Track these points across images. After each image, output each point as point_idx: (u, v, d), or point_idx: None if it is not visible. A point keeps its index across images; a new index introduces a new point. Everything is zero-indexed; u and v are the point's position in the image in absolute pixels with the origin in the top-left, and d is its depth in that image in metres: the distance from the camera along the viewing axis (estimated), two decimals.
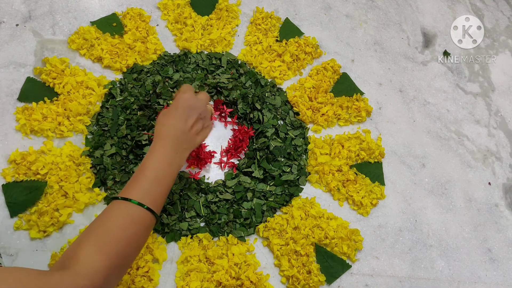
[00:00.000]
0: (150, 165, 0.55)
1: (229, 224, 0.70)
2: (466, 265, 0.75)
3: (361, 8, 1.01)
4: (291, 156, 0.76)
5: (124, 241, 0.48)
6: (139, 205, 0.51)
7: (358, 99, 0.86)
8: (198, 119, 0.61)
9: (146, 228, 0.52)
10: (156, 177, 0.54)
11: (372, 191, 0.77)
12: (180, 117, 0.59)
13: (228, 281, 0.64)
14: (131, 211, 0.51)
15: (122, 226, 0.49)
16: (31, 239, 0.64)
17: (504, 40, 1.06)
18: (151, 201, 0.52)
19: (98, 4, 0.87)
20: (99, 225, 0.49)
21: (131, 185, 0.53)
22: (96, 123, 0.74)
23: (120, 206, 0.51)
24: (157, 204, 0.53)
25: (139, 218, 0.51)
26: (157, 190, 0.54)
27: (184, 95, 0.62)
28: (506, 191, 0.85)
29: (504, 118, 0.94)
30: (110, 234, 0.48)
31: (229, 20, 0.89)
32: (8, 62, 0.77)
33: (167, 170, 0.56)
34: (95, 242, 0.46)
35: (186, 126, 0.59)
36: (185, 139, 0.59)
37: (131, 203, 0.51)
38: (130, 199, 0.51)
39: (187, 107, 0.60)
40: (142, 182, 0.53)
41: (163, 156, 0.56)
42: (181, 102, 0.61)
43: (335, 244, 0.70)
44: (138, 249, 0.51)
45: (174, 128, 0.58)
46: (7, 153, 0.69)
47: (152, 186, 0.53)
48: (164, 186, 0.55)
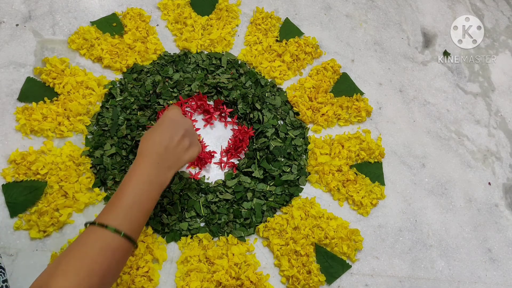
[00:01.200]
0: (129, 187, 0.52)
1: (229, 224, 0.70)
2: (466, 265, 0.75)
3: (361, 8, 1.01)
4: (291, 156, 0.77)
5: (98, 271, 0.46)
6: (116, 232, 0.48)
7: (358, 99, 0.86)
8: (185, 136, 0.58)
9: (123, 256, 0.49)
10: (135, 200, 0.51)
11: (372, 191, 0.77)
12: (165, 133, 0.56)
13: (228, 281, 0.64)
14: (107, 239, 0.48)
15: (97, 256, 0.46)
16: (31, 239, 0.64)
17: (504, 40, 1.06)
18: (129, 227, 0.49)
19: (98, 4, 0.87)
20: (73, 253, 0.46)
21: (108, 209, 0.50)
22: (96, 123, 0.74)
23: (96, 233, 0.48)
24: (135, 230, 0.50)
25: (116, 246, 0.48)
26: (136, 215, 0.51)
27: (170, 112, 0.59)
28: (506, 191, 0.85)
29: (504, 118, 0.94)
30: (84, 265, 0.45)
31: (229, 20, 0.89)
32: (8, 62, 0.77)
33: (148, 191, 0.53)
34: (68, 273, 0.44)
35: (172, 142, 0.56)
36: (170, 156, 0.56)
37: (107, 230, 0.48)
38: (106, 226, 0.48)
39: (172, 123, 0.58)
40: (120, 206, 0.50)
41: (143, 175, 0.53)
42: (166, 118, 0.58)
43: (335, 244, 0.70)
44: (114, 277, 0.49)
45: (157, 145, 0.55)
46: (7, 153, 0.69)
47: (130, 211, 0.50)
48: (143, 210, 0.52)
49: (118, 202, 0.51)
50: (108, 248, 0.47)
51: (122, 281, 0.61)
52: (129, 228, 0.49)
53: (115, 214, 0.50)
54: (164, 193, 0.68)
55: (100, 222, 0.48)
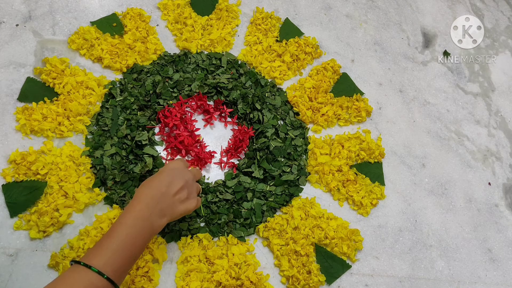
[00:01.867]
0: (118, 229, 0.52)
1: (229, 224, 0.70)
2: (466, 265, 0.75)
3: (361, 8, 1.01)
4: (291, 156, 0.76)
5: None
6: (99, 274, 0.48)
7: (358, 99, 0.86)
8: (184, 188, 0.58)
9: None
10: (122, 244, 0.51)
11: (372, 191, 0.77)
12: (163, 180, 0.57)
13: (228, 281, 0.64)
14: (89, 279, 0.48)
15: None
16: (31, 239, 0.64)
17: (504, 40, 1.06)
18: (113, 271, 0.49)
19: (98, 4, 0.87)
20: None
21: (95, 250, 0.50)
22: (96, 123, 0.74)
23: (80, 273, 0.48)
24: (119, 274, 0.50)
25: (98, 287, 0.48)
26: (122, 260, 0.51)
27: (173, 162, 0.60)
28: (506, 191, 0.85)
29: (504, 118, 0.94)
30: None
31: (229, 20, 0.89)
32: (8, 62, 0.77)
33: (137, 235, 0.52)
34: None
35: (168, 190, 0.56)
36: (165, 203, 0.56)
37: (91, 270, 0.48)
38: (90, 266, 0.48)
39: (173, 173, 0.58)
40: (106, 249, 0.50)
41: (135, 217, 0.53)
42: (168, 167, 0.59)
43: (335, 244, 0.70)
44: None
45: (154, 190, 0.55)
46: (7, 153, 0.69)
47: (116, 254, 0.50)
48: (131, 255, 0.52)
49: (106, 244, 0.51)
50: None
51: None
52: (112, 272, 0.49)
53: (100, 255, 0.50)
54: None
55: (85, 262, 0.49)
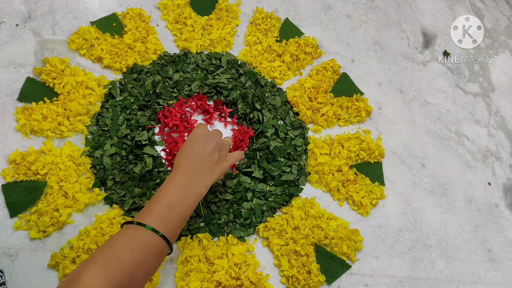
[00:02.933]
0: (165, 192, 0.54)
1: (229, 224, 0.70)
2: (466, 265, 0.75)
3: (361, 8, 1.01)
4: (291, 156, 0.77)
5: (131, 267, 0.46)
6: (153, 231, 0.49)
7: (358, 99, 0.86)
8: (215, 149, 0.61)
9: (156, 255, 0.50)
10: (173, 204, 0.53)
11: (372, 191, 0.77)
12: (195, 146, 0.60)
13: (228, 281, 0.64)
14: (143, 236, 0.49)
15: (131, 250, 0.47)
16: (31, 239, 0.64)
17: (504, 40, 1.06)
18: (166, 228, 0.50)
19: (98, 4, 0.87)
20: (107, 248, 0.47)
21: (146, 210, 0.52)
22: (96, 123, 0.74)
23: (132, 231, 0.49)
24: (172, 232, 0.52)
25: (151, 245, 0.49)
26: (172, 218, 0.52)
27: (198, 129, 0.63)
28: (506, 191, 0.85)
29: (504, 118, 0.94)
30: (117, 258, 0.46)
31: (229, 20, 0.89)
32: (8, 62, 0.77)
33: (184, 196, 0.55)
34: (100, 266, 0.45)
35: (203, 154, 0.59)
36: (203, 165, 0.59)
37: (144, 228, 0.49)
38: (144, 224, 0.49)
39: (202, 138, 0.61)
40: (158, 208, 0.52)
41: (179, 182, 0.55)
42: (196, 135, 0.62)
43: (335, 244, 0.70)
44: (146, 276, 0.49)
45: (189, 157, 0.58)
46: (7, 153, 0.69)
47: (167, 213, 0.52)
48: (180, 213, 0.53)
49: (156, 205, 0.52)
50: (144, 245, 0.48)
51: None
52: (165, 229, 0.50)
53: (153, 215, 0.51)
54: None
55: (138, 221, 0.50)
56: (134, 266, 0.47)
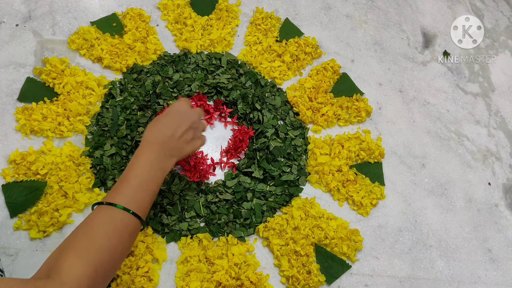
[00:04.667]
0: (135, 171, 0.54)
1: (229, 224, 0.70)
2: (466, 265, 0.75)
3: (361, 8, 1.01)
4: (291, 156, 0.76)
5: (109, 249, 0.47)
6: (125, 210, 0.50)
7: (358, 99, 0.86)
8: (189, 128, 0.61)
9: (131, 234, 0.51)
10: (141, 182, 0.53)
11: (372, 191, 0.77)
12: (170, 124, 0.59)
13: (228, 281, 0.64)
14: (116, 216, 0.49)
15: (106, 233, 0.48)
16: (31, 239, 0.64)
17: (504, 40, 1.06)
18: (136, 206, 0.51)
19: (98, 4, 0.87)
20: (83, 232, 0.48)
21: (115, 191, 0.52)
22: (96, 123, 0.74)
23: (105, 212, 0.49)
24: (142, 209, 0.52)
25: (124, 224, 0.50)
26: (142, 196, 0.53)
27: (177, 103, 0.62)
28: (506, 191, 0.85)
29: (504, 118, 0.94)
30: (94, 243, 0.47)
31: (229, 20, 0.89)
32: (8, 62, 0.77)
33: (152, 175, 0.55)
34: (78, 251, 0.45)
35: (176, 133, 0.59)
36: (173, 146, 0.58)
37: (116, 208, 0.50)
38: (115, 204, 0.50)
39: (178, 115, 0.60)
40: (127, 187, 0.52)
41: (148, 160, 0.55)
42: (173, 110, 0.61)
43: (335, 244, 0.70)
44: (123, 256, 0.50)
45: (161, 134, 0.58)
46: (7, 153, 0.69)
47: (137, 192, 0.52)
48: (149, 191, 0.54)
49: (125, 183, 0.53)
50: (118, 225, 0.49)
51: (122, 281, 0.61)
52: (136, 207, 0.51)
53: (122, 194, 0.52)
54: (164, 193, 0.68)
55: (108, 202, 0.50)
56: (112, 249, 0.48)
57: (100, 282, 0.46)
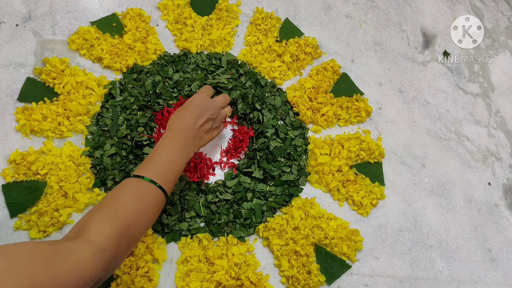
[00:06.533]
0: (162, 151, 0.58)
1: (229, 224, 0.70)
2: (466, 265, 0.75)
3: (361, 8, 1.01)
4: (291, 156, 0.76)
5: (135, 213, 0.50)
6: (151, 183, 0.53)
7: (358, 99, 0.86)
8: (209, 119, 0.65)
9: (156, 204, 0.54)
10: (166, 161, 0.57)
11: (372, 191, 0.77)
12: (192, 114, 0.63)
13: (228, 281, 0.64)
14: (143, 187, 0.53)
15: (134, 199, 0.51)
16: (31, 239, 0.64)
17: (504, 40, 1.06)
18: (163, 182, 0.54)
19: (98, 4, 0.87)
20: (111, 198, 0.51)
21: (143, 166, 0.56)
22: (96, 123, 0.74)
23: (132, 182, 0.53)
24: (168, 185, 0.56)
25: (150, 194, 0.53)
26: (168, 173, 0.56)
27: (200, 94, 0.67)
28: (506, 191, 0.85)
29: (504, 118, 0.94)
30: (122, 206, 0.50)
31: (229, 20, 0.89)
32: (8, 62, 0.77)
33: (176, 157, 0.59)
34: (107, 212, 0.49)
35: (196, 123, 0.63)
36: (194, 134, 0.63)
37: (143, 180, 0.53)
38: (142, 177, 0.53)
39: (200, 106, 0.65)
40: (154, 164, 0.56)
41: (174, 145, 0.60)
42: (195, 100, 0.66)
43: (335, 244, 0.70)
44: (148, 223, 0.53)
45: (184, 123, 0.62)
46: (7, 153, 0.69)
47: (163, 169, 0.56)
48: (174, 170, 0.58)
49: (153, 160, 0.57)
50: (144, 195, 0.53)
51: (122, 281, 0.61)
52: (162, 182, 0.55)
53: (150, 169, 0.56)
54: None
55: (136, 174, 0.53)
56: (138, 214, 0.50)
57: (124, 246, 0.49)
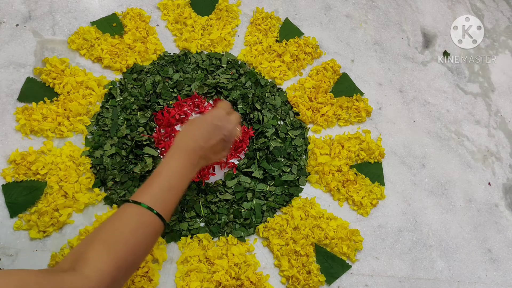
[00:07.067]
0: (163, 173, 0.56)
1: (229, 224, 0.70)
2: (466, 265, 0.75)
3: (361, 8, 1.01)
4: (291, 156, 0.76)
5: (133, 245, 0.49)
6: (149, 209, 0.51)
7: (358, 99, 0.86)
8: (221, 140, 0.61)
9: (154, 233, 0.52)
10: (169, 185, 0.55)
11: (372, 191, 0.77)
12: (204, 133, 0.60)
13: (228, 281, 0.64)
14: (141, 215, 0.51)
15: (132, 229, 0.49)
16: (31, 239, 0.64)
17: (504, 40, 1.06)
18: (161, 207, 0.52)
19: (98, 4, 0.87)
20: (109, 227, 0.49)
21: (143, 190, 0.54)
22: (96, 123, 0.74)
23: (131, 209, 0.51)
24: (167, 211, 0.54)
25: (149, 223, 0.51)
26: (168, 198, 0.54)
27: (216, 110, 0.62)
28: (506, 191, 0.85)
29: (504, 118, 0.94)
30: (120, 237, 0.48)
31: (229, 20, 0.89)
32: (8, 62, 0.77)
33: (180, 180, 0.56)
34: (104, 244, 0.47)
35: (207, 144, 0.60)
36: (202, 155, 0.59)
37: (141, 207, 0.51)
38: (140, 203, 0.51)
39: (214, 126, 0.61)
40: (154, 188, 0.54)
41: (177, 166, 0.57)
42: (210, 118, 0.61)
43: (335, 244, 0.70)
44: (145, 253, 0.52)
45: (194, 142, 0.59)
46: (7, 153, 0.69)
47: (163, 193, 0.54)
48: (175, 195, 0.55)
49: (153, 184, 0.54)
50: (142, 224, 0.51)
51: None
52: (161, 208, 0.53)
53: (149, 194, 0.53)
54: None
55: (134, 200, 0.52)
56: (136, 245, 0.49)
57: (122, 277, 0.48)
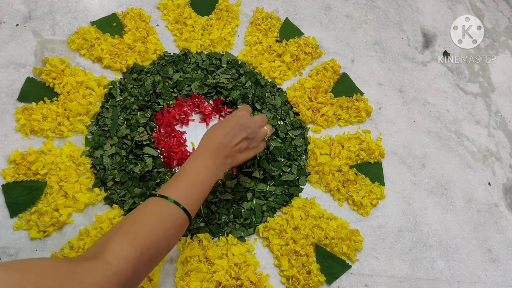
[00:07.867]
0: (190, 170, 0.57)
1: (229, 224, 0.70)
2: (466, 265, 0.75)
3: (361, 8, 1.01)
4: (291, 156, 0.77)
5: (156, 235, 0.49)
6: (175, 204, 0.52)
7: (358, 99, 0.86)
8: (245, 139, 0.62)
9: (178, 227, 0.53)
10: (194, 181, 0.56)
11: (372, 191, 0.77)
12: (227, 133, 0.61)
13: (228, 281, 0.64)
14: (166, 208, 0.52)
15: (155, 220, 0.50)
16: (31, 239, 0.64)
17: (504, 40, 1.06)
18: (187, 203, 0.53)
19: (98, 4, 0.87)
20: (133, 217, 0.50)
21: (169, 185, 0.55)
22: (96, 123, 0.74)
23: (156, 202, 0.52)
24: (192, 206, 0.54)
25: (173, 216, 0.52)
26: (194, 194, 0.55)
27: (239, 112, 0.64)
28: (506, 191, 0.85)
29: (504, 118, 0.94)
30: (143, 227, 0.49)
31: (229, 20, 0.89)
32: (8, 62, 0.77)
33: (205, 177, 0.57)
34: (127, 233, 0.47)
35: (230, 143, 0.61)
36: (227, 154, 0.61)
37: (167, 200, 0.52)
38: (166, 197, 0.52)
39: (237, 125, 0.62)
40: (180, 183, 0.55)
41: (203, 164, 0.58)
42: (233, 118, 0.63)
43: (335, 244, 0.70)
44: (168, 246, 0.52)
45: (217, 142, 0.60)
46: (7, 153, 0.69)
47: (189, 189, 0.55)
48: (200, 191, 0.56)
49: (179, 180, 0.56)
50: (166, 217, 0.51)
51: None
52: (187, 203, 0.53)
53: (175, 189, 0.54)
54: None
55: (161, 194, 0.53)
56: (159, 236, 0.49)
57: (143, 267, 0.48)
